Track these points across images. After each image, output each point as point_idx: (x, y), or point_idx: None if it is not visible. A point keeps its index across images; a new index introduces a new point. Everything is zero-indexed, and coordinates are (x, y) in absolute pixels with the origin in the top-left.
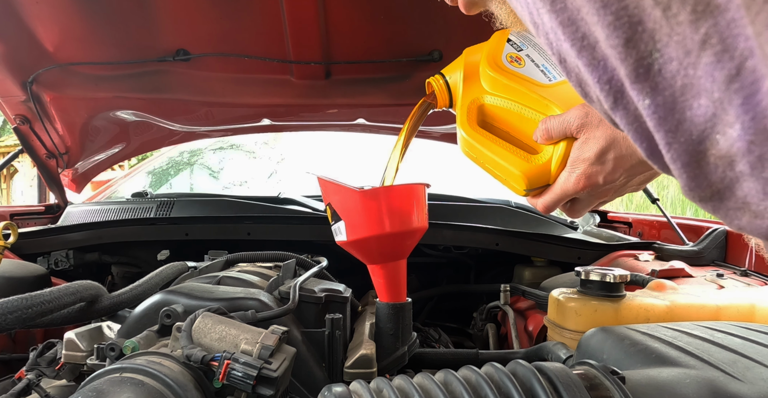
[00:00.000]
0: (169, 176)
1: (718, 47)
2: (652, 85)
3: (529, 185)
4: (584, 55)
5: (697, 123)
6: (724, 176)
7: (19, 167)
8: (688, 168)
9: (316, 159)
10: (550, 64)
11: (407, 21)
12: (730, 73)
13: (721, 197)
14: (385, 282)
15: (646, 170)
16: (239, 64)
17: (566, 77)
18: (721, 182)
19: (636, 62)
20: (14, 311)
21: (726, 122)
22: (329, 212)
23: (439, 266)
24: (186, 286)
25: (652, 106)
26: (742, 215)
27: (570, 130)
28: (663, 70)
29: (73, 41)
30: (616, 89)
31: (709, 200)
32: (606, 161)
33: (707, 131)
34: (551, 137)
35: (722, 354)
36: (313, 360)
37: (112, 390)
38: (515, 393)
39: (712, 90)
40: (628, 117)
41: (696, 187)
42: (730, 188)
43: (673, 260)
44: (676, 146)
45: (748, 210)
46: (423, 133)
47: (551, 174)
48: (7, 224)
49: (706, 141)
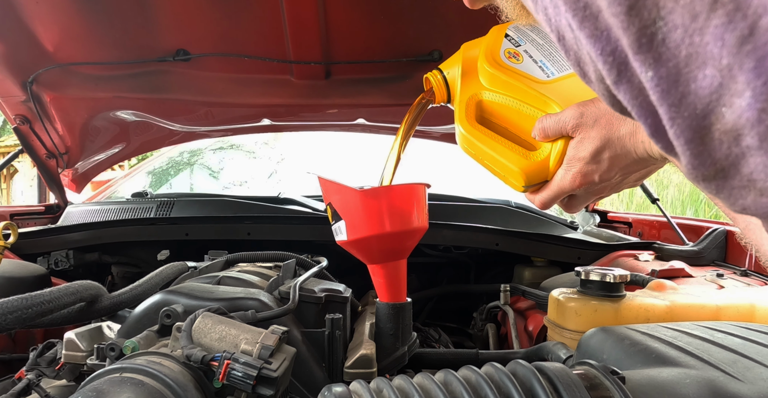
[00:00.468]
0: (169, 176)
1: (730, 6)
2: (656, 56)
3: (527, 182)
4: (586, 26)
5: (701, 96)
6: (729, 153)
7: (19, 167)
8: (691, 144)
9: (316, 159)
10: (548, 60)
11: (407, 21)
12: (743, 33)
13: (725, 175)
14: (386, 282)
15: (641, 168)
16: (239, 64)
17: (564, 55)
18: (726, 159)
19: (639, 31)
20: (14, 311)
21: (734, 91)
22: (330, 212)
23: (439, 266)
24: (186, 286)
25: (655, 78)
26: (747, 193)
27: (566, 129)
28: (667, 39)
29: (73, 41)
30: (620, 61)
31: (712, 179)
32: (601, 160)
33: (712, 104)
34: (547, 136)
35: (722, 354)
36: (313, 360)
37: (112, 390)
38: (515, 393)
39: (720, 56)
40: (633, 91)
41: (699, 165)
42: (735, 165)
43: (673, 260)
44: (679, 121)
45: (753, 188)
46: (423, 133)
47: (549, 171)
48: (7, 224)
49: (710, 115)
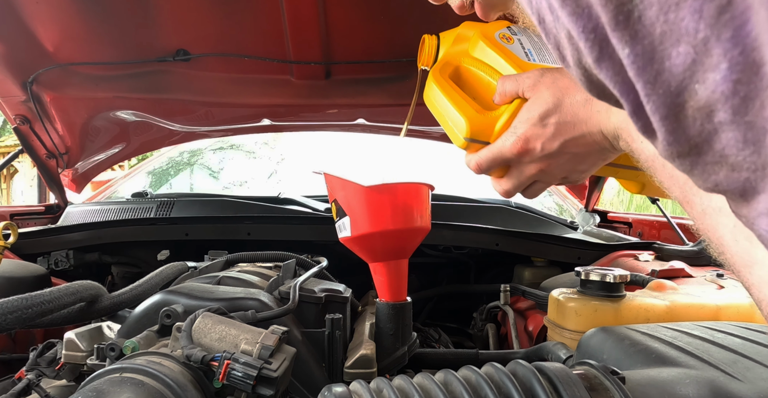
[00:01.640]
0: (169, 176)
1: None
2: (632, 34)
3: (470, 134)
4: (568, 3)
5: (675, 73)
6: (702, 129)
7: (19, 167)
8: (666, 121)
9: (315, 159)
10: (535, 51)
11: (407, 21)
12: (721, 3)
13: (699, 151)
14: (387, 281)
15: (587, 150)
16: (239, 64)
17: (545, 40)
18: (699, 135)
19: (616, 8)
20: (14, 311)
21: (707, 66)
22: (334, 209)
23: (439, 267)
24: (186, 286)
25: (631, 55)
26: (720, 169)
27: (522, 88)
28: (643, 17)
29: (73, 41)
30: (602, 38)
31: (687, 156)
32: (547, 124)
33: (686, 81)
34: (505, 95)
35: (722, 354)
36: (313, 360)
37: (112, 390)
38: (515, 393)
39: (696, 30)
40: (615, 68)
41: (674, 141)
42: (708, 141)
43: (673, 260)
44: (654, 98)
45: (725, 164)
46: (423, 133)
47: (495, 131)
48: (7, 224)
49: (684, 92)
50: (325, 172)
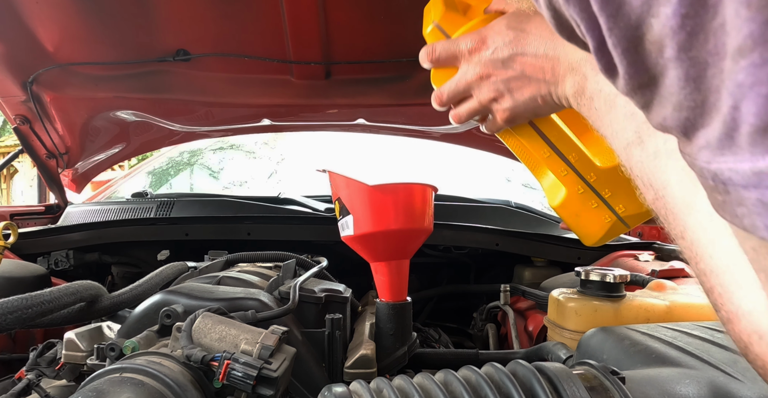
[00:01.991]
0: (169, 176)
1: None
2: None
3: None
4: None
5: (634, 6)
6: (657, 63)
7: (19, 167)
8: (627, 54)
9: (315, 159)
10: None
11: (407, 21)
12: None
13: (655, 82)
14: (389, 281)
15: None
16: (239, 64)
17: None
18: (655, 68)
19: None
20: (14, 311)
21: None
22: (337, 207)
23: (439, 267)
24: (186, 286)
25: None
26: (668, 103)
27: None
28: None
29: (73, 41)
30: None
31: (646, 87)
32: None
33: (643, 14)
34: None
35: (722, 354)
36: (313, 360)
37: (112, 390)
38: (515, 393)
39: None
40: (581, 4)
41: (635, 73)
42: (661, 75)
43: (673, 261)
44: (616, 32)
45: (670, 102)
46: (423, 133)
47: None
48: (7, 224)
49: (642, 26)
50: (329, 170)
